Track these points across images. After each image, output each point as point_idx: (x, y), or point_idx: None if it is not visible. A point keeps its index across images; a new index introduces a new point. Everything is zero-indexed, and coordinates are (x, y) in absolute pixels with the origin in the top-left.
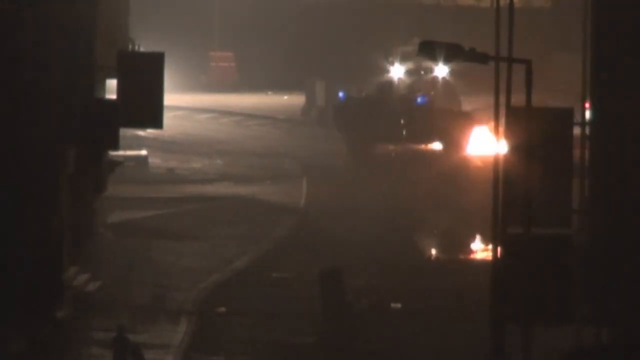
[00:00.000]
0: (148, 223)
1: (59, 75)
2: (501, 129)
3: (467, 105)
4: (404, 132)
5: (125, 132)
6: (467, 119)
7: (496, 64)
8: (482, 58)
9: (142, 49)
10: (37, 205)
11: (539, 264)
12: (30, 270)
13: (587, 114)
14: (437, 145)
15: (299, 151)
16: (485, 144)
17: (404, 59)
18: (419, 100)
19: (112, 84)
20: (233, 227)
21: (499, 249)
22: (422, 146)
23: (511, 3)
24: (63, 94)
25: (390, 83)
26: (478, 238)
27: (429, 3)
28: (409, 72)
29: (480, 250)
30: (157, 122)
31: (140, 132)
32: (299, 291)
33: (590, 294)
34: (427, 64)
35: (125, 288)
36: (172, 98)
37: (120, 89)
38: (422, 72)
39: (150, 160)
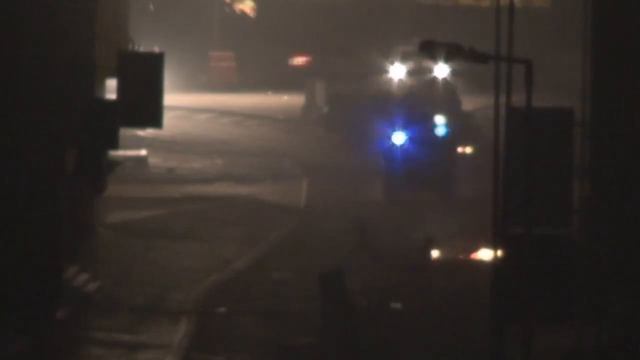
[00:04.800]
0: (148, 223)
1: (59, 76)
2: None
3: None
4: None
5: (125, 132)
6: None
7: (496, 64)
8: (482, 58)
9: (142, 49)
10: (37, 205)
11: (540, 264)
12: (30, 270)
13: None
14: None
15: (299, 151)
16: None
17: (404, 58)
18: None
19: (112, 84)
20: (233, 227)
21: (499, 249)
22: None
23: (511, 3)
24: (63, 94)
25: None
26: (477, 238)
27: (428, 3)
28: (409, 72)
29: (480, 250)
30: (157, 122)
31: (140, 132)
32: (299, 291)
33: (590, 294)
34: (428, 63)
35: (125, 288)
36: (172, 98)
37: (120, 89)
38: (424, 73)
39: (150, 160)
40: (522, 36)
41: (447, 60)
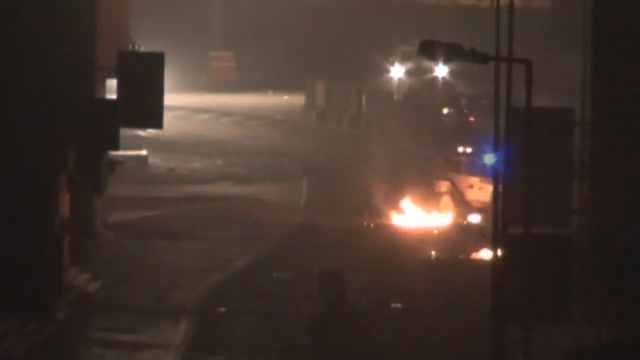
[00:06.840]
0: (148, 223)
1: (59, 75)
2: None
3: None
4: None
5: (125, 132)
6: None
7: (496, 64)
8: (482, 58)
9: (142, 49)
10: (37, 206)
11: (539, 264)
12: (30, 270)
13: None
14: None
15: (298, 151)
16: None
17: (404, 59)
18: None
19: (112, 84)
20: (233, 227)
21: (499, 249)
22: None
23: (511, 3)
24: (63, 94)
25: None
26: (478, 238)
27: (428, 3)
28: (409, 72)
29: (481, 250)
30: (157, 122)
31: (140, 132)
32: (299, 291)
33: (590, 294)
34: (428, 63)
35: (125, 288)
36: (172, 98)
37: (120, 89)
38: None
39: (150, 160)
40: (522, 36)
41: (446, 60)
